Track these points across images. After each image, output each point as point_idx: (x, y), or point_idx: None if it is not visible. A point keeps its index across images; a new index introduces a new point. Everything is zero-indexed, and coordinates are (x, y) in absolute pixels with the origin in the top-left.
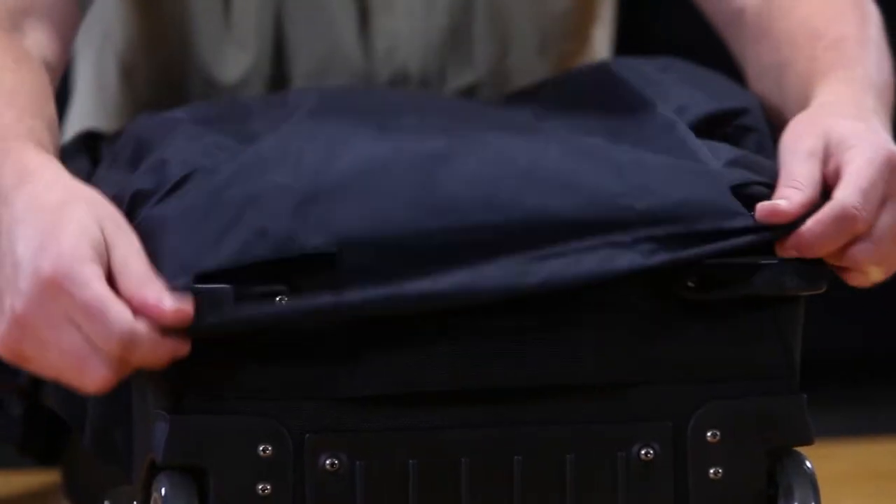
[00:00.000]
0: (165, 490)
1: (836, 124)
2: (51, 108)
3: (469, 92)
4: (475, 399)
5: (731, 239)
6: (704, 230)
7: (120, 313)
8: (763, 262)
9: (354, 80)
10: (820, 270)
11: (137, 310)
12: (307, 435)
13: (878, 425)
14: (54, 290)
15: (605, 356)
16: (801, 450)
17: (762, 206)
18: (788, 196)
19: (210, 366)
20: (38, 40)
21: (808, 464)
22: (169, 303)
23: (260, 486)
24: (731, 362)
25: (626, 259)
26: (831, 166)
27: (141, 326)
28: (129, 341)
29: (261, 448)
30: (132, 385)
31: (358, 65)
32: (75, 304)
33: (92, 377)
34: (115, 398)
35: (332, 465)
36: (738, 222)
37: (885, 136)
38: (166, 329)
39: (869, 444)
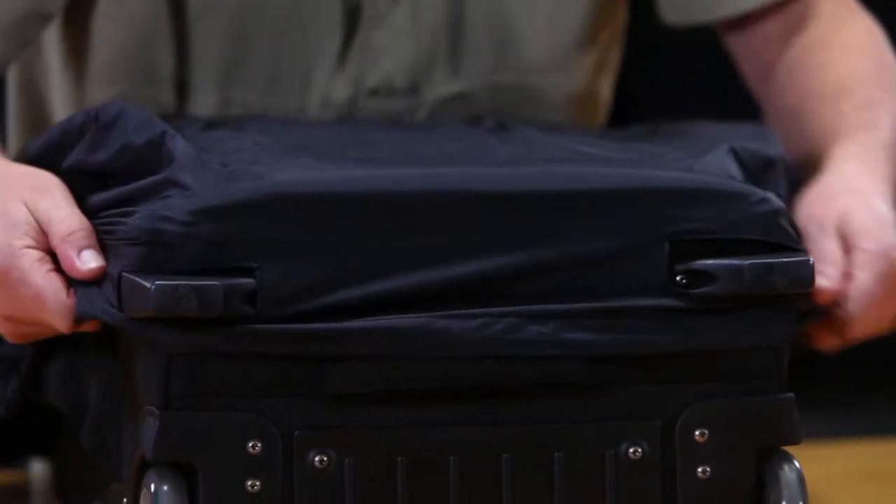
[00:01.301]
0: (155, 486)
1: (853, 211)
2: None
3: (455, 101)
4: (464, 397)
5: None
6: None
7: (56, 300)
8: (751, 261)
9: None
10: (807, 270)
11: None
12: (296, 432)
13: (870, 426)
14: (5, 280)
15: (593, 354)
16: (793, 450)
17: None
18: (830, 275)
19: (199, 362)
20: None
21: (797, 463)
22: (86, 258)
23: (249, 483)
24: (720, 362)
25: None
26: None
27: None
28: (70, 321)
29: (250, 445)
30: (122, 382)
31: (336, 88)
32: (21, 296)
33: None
34: (114, 395)
35: (320, 461)
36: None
37: (891, 225)
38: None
39: (861, 445)
